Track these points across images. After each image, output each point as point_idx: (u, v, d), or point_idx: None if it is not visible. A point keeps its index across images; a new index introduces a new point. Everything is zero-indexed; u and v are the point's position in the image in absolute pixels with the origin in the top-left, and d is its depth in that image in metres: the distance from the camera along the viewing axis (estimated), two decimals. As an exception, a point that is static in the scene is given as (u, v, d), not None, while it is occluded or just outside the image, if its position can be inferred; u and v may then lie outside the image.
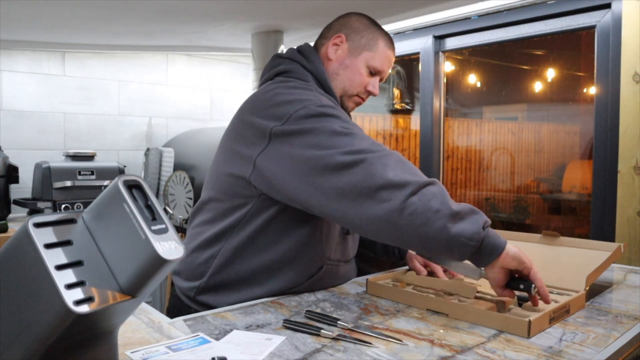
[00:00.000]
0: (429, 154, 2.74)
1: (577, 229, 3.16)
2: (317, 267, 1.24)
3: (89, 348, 0.64)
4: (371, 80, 1.33)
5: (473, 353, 0.87)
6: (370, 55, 1.32)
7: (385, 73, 1.35)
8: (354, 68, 1.31)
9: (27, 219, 0.58)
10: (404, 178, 1.00)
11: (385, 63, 1.34)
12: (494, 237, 1.02)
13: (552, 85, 3.41)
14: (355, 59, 1.32)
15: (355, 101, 1.35)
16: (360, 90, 1.33)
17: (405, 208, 0.98)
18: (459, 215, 0.98)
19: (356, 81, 1.32)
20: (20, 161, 2.85)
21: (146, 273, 0.59)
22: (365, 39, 1.32)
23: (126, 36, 2.87)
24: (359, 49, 1.32)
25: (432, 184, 1.01)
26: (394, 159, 1.04)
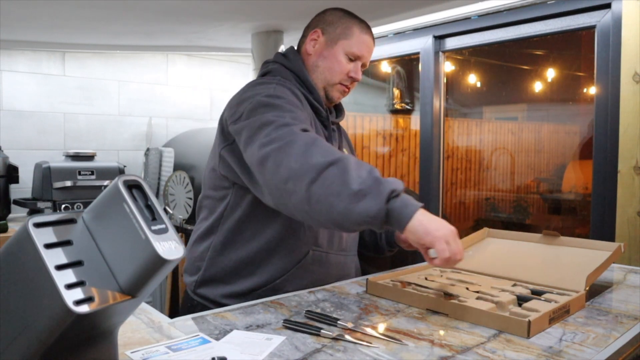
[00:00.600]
0: (429, 154, 2.74)
1: (577, 229, 3.16)
2: (302, 253, 1.29)
3: (89, 348, 0.64)
4: (351, 66, 1.38)
5: (473, 353, 0.87)
6: (347, 42, 1.37)
7: (365, 58, 1.39)
8: (332, 57, 1.37)
9: (27, 219, 0.58)
10: (304, 165, 1.01)
11: (363, 47, 1.38)
12: (401, 208, 0.99)
13: (552, 85, 3.41)
14: (333, 49, 1.37)
15: (339, 90, 1.40)
16: (342, 77, 1.38)
17: (310, 197, 1.00)
18: (361, 193, 0.98)
19: (336, 69, 1.37)
20: (20, 161, 2.85)
21: (146, 273, 0.59)
22: (340, 29, 1.38)
23: (126, 36, 2.87)
24: (335, 39, 1.37)
25: (333, 164, 1.01)
26: (300, 143, 1.05)
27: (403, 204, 0.99)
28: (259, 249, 1.27)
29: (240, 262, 1.28)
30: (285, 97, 1.21)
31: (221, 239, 1.31)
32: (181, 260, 0.63)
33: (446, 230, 0.99)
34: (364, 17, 1.44)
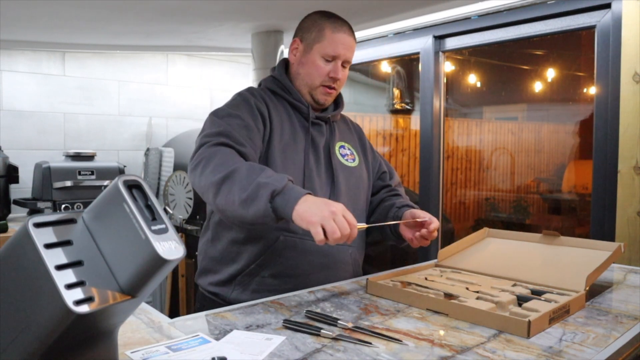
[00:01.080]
0: (429, 154, 2.74)
1: (577, 229, 3.16)
2: (272, 239, 1.34)
3: (89, 348, 0.64)
4: (330, 67, 1.42)
5: (473, 353, 0.87)
6: (320, 45, 1.42)
7: (343, 55, 1.43)
8: (310, 63, 1.43)
9: (27, 219, 0.58)
10: (207, 182, 1.18)
11: (337, 46, 1.42)
12: (282, 206, 1.10)
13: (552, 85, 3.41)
14: (310, 55, 1.44)
15: (323, 92, 1.45)
16: (322, 79, 1.43)
17: (218, 207, 1.19)
18: (249, 200, 1.12)
19: (314, 73, 1.43)
20: (20, 161, 2.85)
21: (146, 273, 0.59)
22: (314, 34, 1.44)
23: (126, 36, 2.87)
24: (310, 45, 1.44)
25: (228, 178, 1.15)
26: (214, 160, 1.20)
27: (284, 201, 1.10)
28: (236, 238, 1.36)
29: (223, 252, 1.39)
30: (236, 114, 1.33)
31: (211, 233, 1.44)
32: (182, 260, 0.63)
33: (322, 213, 1.06)
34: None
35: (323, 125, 1.49)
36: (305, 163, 1.39)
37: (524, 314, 1.00)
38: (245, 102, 1.39)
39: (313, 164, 1.41)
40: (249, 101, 1.39)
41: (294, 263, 1.34)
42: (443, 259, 1.48)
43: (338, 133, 1.53)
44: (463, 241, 1.54)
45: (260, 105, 1.39)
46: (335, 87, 1.46)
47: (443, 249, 1.48)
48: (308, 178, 1.37)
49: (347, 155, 1.53)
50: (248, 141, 1.29)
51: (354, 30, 1.49)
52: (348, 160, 1.52)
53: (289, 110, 1.46)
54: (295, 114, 1.46)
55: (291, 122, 1.44)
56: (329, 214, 1.05)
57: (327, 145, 1.47)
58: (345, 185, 1.45)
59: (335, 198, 1.40)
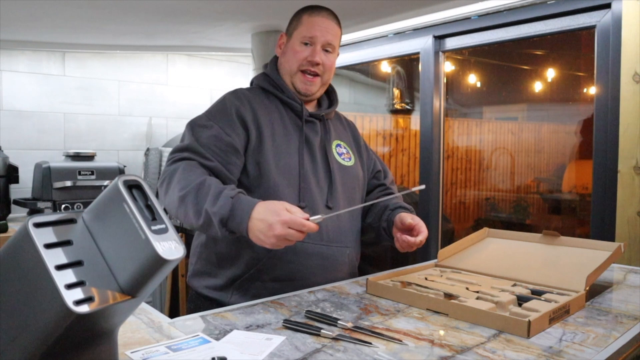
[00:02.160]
0: (429, 154, 2.74)
1: (577, 229, 3.16)
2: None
3: (89, 348, 0.64)
4: (308, 51, 1.40)
5: (473, 353, 0.87)
6: (298, 31, 1.41)
7: (320, 37, 1.40)
8: (290, 50, 1.43)
9: (27, 219, 0.58)
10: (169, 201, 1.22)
11: (313, 28, 1.39)
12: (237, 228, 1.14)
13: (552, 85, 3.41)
14: (290, 43, 1.44)
15: (302, 80, 1.42)
16: (300, 63, 1.40)
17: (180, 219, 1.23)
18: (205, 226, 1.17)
19: (292, 58, 1.41)
20: (20, 161, 2.85)
21: (146, 273, 0.59)
22: (294, 23, 1.45)
23: (126, 36, 2.87)
24: (291, 34, 1.44)
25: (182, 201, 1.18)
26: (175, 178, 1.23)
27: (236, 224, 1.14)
28: (234, 242, 1.33)
29: (221, 256, 1.36)
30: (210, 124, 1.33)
31: (206, 236, 1.41)
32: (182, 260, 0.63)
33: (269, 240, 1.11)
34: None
35: (317, 123, 1.46)
36: (300, 163, 1.36)
37: (524, 314, 1.00)
38: (224, 109, 1.36)
39: (308, 164, 1.38)
40: (229, 108, 1.35)
41: (295, 267, 1.32)
42: (443, 259, 1.48)
43: (334, 131, 1.51)
44: (463, 241, 1.54)
45: (244, 109, 1.35)
46: (318, 73, 1.42)
47: (443, 249, 1.48)
48: (304, 178, 1.35)
49: (343, 154, 1.50)
50: (217, 154, 1.28)
51: (337, 17, 1.47)
52: (345, 159, 1.49)
53: (280, 109, 1.42)
54: (288, 112, 1.43)
55: (283, 122, 1.40)
56: (274, 238, 1.09)
57: (323, 144, 1.44)
58: (342, 185, 1.43)
59: (332, 198, 1.38)
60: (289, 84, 1.44)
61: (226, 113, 1.34)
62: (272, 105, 1.42)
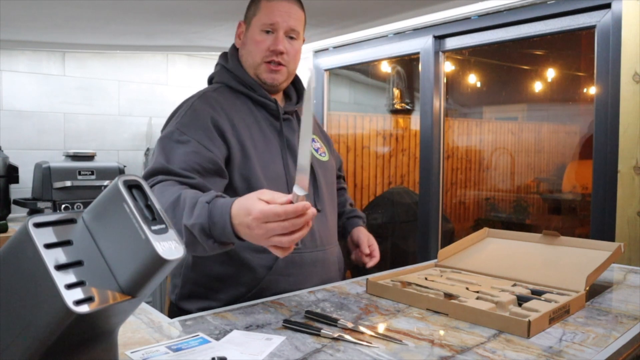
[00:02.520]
0: (429, 154, 2.74)
1: (577, 229, 3.16)
2: (271, 259, 1.23)
3: (89, 348, 0.64)
4: (270, 39, 1.28)
5: (473, 353, 0.87)
6: (257, 17, 1.29)
7: (282, 23, 1.27)
8: (250, 39, 1.31)
9: (27, 219, 0.58)
10: None
11: (273, 13, 1.27)
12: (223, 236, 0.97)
13: (552, 85, 3.41)
14: (249, 32, 1.32)
15: (267, 69, 1.30)
16: (263, 54, 1.29)
17: None
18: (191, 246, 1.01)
19: (253, 49, 1.30)
20: (20, 161, 2.85)
21: (146, 273, 0.59)
22: (252, 10, 1.33)
23: (126, 36, 2.87)
24: (249, 22, 1.33)
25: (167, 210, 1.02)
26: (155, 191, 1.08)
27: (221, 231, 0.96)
28: (227, 262, 1.23)
29: (215, 277, 1.26)
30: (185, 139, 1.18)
31: (192, 257, 1.28)
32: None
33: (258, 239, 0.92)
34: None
35: (292, 120, 1.36)
36: (286, 170, 1.28)
37: (524, 314, 1.00)
38: (198, 119, 1.21)
39: (293, 168, 1.29)
40: (204, 117, 1.21)
41: (296, 278, 1.28)
42: (443, 259, 1.48)
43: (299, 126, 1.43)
44: (463, 241, 1.54)
45: (219, 118, 1.22)
46: (282, 62, 1.29)
47: (443, 249, 1.48)
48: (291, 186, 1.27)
49: (319, 149, 1.43)
50: (198, 172, 1.13)
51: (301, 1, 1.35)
52: (321, 154, 1.42)
53: (253, 110, 1.30)
54: (261, 112, 1.31)
55: (259, 126, 1.29)
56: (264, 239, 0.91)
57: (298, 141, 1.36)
58: (324, 183, 1.37)
59: (318, 198, 1.33)
60: (254, 76, 1.32)
61: (201, 124, 1.19)
62: (245, 107, 1.30)
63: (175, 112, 1.30)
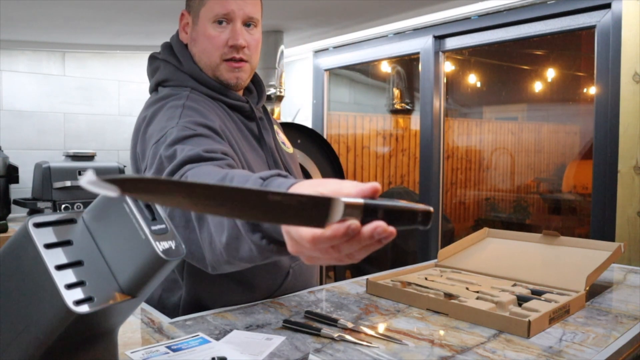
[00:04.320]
0: (429, 154, 2.74)
1: (577, 229, 3.16)
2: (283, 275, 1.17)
3: (89, 348, 0.64)
4: (226, 33, 1.10)
5: (473, 353, 0.87)
6: (207, 8, 1.10)
7: (237, 11, 1.09)
8: (201, 35, 1.11)
9: (27, 219, 0.58)
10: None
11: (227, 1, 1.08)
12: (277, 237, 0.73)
13: (552, 85, 3.41)
14: (198, 26, 1.12)
15: (227, 68, 1.12)
16: (221, 52, 1.11)
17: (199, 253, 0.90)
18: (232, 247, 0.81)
19: (208, 47, 1.11)
20: (20, 161, 2.85)
21: (146, 273, 0.59)
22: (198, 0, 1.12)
23: (126, 36, 2.87)
24: (196, 13, 1.12)
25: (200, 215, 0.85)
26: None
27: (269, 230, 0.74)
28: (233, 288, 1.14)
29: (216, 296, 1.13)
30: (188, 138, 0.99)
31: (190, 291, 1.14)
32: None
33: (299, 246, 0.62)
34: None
35: (264, 117, 1.24)
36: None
37: (524, 314, 1.00)
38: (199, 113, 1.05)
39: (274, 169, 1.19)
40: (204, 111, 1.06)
41: (303, 286, 1.26)
42: (443, 259, 1.48)
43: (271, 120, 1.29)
44: (463, 241, 1.54)
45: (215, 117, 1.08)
46: (244, 58, 1.12)
47: (443, 249, 1.48)
48: None
49: (285, 142, 1.32)
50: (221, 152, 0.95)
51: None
52: (287, 147, 1.32)
53: (229, 114, 1.15)
54: (236, 115, 1.17)
55: (241, 132, 1.15)
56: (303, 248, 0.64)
57: (274, 140, 1.24)
58: (296, 174, 1.27)
59: None
60: (213, 78, 1.13)
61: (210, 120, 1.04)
62: (222, 112, 1.13)
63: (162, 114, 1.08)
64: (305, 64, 3.45)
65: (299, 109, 3.49)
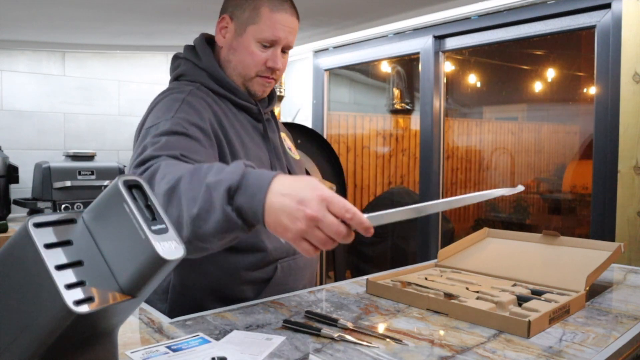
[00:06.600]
0: (429, 154, 2.74)
1: (577, 229, 3.16)
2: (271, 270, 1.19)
3: (89, 348, 0.64)
4: (268, 54, 1.19)
5: (473, 353, 0.87)
6: (256, 28, 1.17)
7: (283, 40, 1.19)
8: (243, 49, 1.19)
9: (27, 219, 0.58)
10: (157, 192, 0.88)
11: (277, 29, 1.17)
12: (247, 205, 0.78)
13: (552, 85, 3.41)
14: (242, 38, 1.19)
15: (259, 83, 1.22)
16: (258, 69, 1.20)
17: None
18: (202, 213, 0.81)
19: (249, 62, 1.19)
20: (20, 161, 2.85)
21: (146, 273, 0.59)
22: (248, 12, 1.18)
23: (126, 36, 2.87)
24: (243, 26, 1.19)
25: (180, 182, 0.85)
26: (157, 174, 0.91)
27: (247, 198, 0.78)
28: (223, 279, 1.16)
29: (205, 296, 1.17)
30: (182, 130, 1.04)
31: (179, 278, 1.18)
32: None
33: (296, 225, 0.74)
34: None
35: (271, 120, 1.31)
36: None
37: (524, 314, 1.00)
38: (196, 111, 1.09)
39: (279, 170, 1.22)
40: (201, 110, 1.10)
41: (293, 285, 1.26)
42: (443, 259, 1.48)
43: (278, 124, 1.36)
44: (463, 241, 1.54)
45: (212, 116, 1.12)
46: (275, 78, 1.23)
47: (443, 249, 1.48)
48: None
49: (291, 148, 1.38)
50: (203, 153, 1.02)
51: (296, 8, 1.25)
52: (293, 153, 1.38)
53: (234, 112, 1.21)
54: (242, 115, 1.23)
55: (245, 130, 1.21)
56: (303, 222, 0.73)
57: (280, 142, 1.30)
58: None
59: None
60: (240, 86, 1.22)
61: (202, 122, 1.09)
62: (228, 110, 1.20)
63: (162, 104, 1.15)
64: (305, 64, 3.45)
65: (299, 109, 3.49)
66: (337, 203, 0.73)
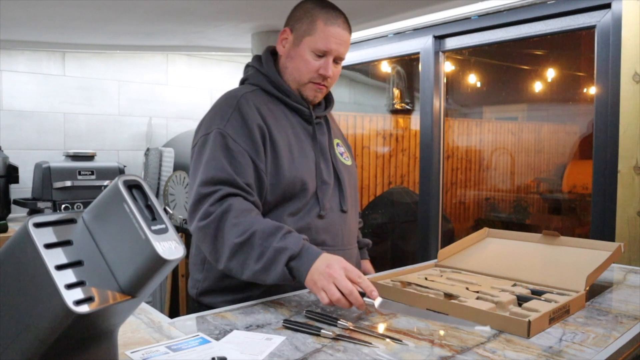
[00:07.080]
0: (429, 154, 2.74)
1: (577, 229, 3.16)
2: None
3: (89, 348, 0.64)
4: (320, 63, 1.32)
5: (473, 353, 0.87)
6: (311, 39, 1.31)
7: (334, 51, 1.32)
8: (299, 57, 1.33)
9: (27, 219, 0.58)
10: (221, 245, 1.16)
11: (329, 41, 1.31)
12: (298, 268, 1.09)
13: (552, 85, 3.41)
14: (299, 48, 1.33)
15: (312, 89, 1.35)
16: (311, 76, 1.33)
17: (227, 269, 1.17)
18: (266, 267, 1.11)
19: (303, 69, 1.33)
20: (20, 161, 2.85)
21: (146, 273, 0.59)
22: (305, 25, 1.33)
23: (126, 36, 2.87)
24: (300, 37, 1.33)
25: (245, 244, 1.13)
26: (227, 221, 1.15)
27: (300, 264, 1.09)
28: None
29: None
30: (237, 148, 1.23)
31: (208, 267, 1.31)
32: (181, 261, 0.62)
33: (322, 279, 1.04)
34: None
35: (323, 124, 1.43)
36: (318, 174, 1.32)
37: (524, 314, 1.00)
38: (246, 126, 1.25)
39: (324, 172, 1.34)
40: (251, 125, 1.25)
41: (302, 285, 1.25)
42: (443, 259, 1.48)
43: (332, 130, 1.47)
44: (463, 241, 1.54)
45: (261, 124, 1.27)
46: (326, 85, 1.36)
47: (443, 249, 1.48)
48: (320, 188, 1.32)
49: (343, 153, 1.48)
50: (254, 183, 1.22)
51: (349, 23, 1.39)
52: (345, 158, 1.47)
53: (286, 114, 1.35)
54: (294, 117, 1.37)
55: (294, 129, 1.34)
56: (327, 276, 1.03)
57: (330, 146, 1.41)
58: (348, 186, 1.41)
59: (343, 199, 1.37)
60: (295, 90, 1.36)
61: (250, 133, 1.25)
62: (279, 112, 1.34)
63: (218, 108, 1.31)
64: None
65: (299, 109, 3.48)
66: (353, 271, 1.05)
